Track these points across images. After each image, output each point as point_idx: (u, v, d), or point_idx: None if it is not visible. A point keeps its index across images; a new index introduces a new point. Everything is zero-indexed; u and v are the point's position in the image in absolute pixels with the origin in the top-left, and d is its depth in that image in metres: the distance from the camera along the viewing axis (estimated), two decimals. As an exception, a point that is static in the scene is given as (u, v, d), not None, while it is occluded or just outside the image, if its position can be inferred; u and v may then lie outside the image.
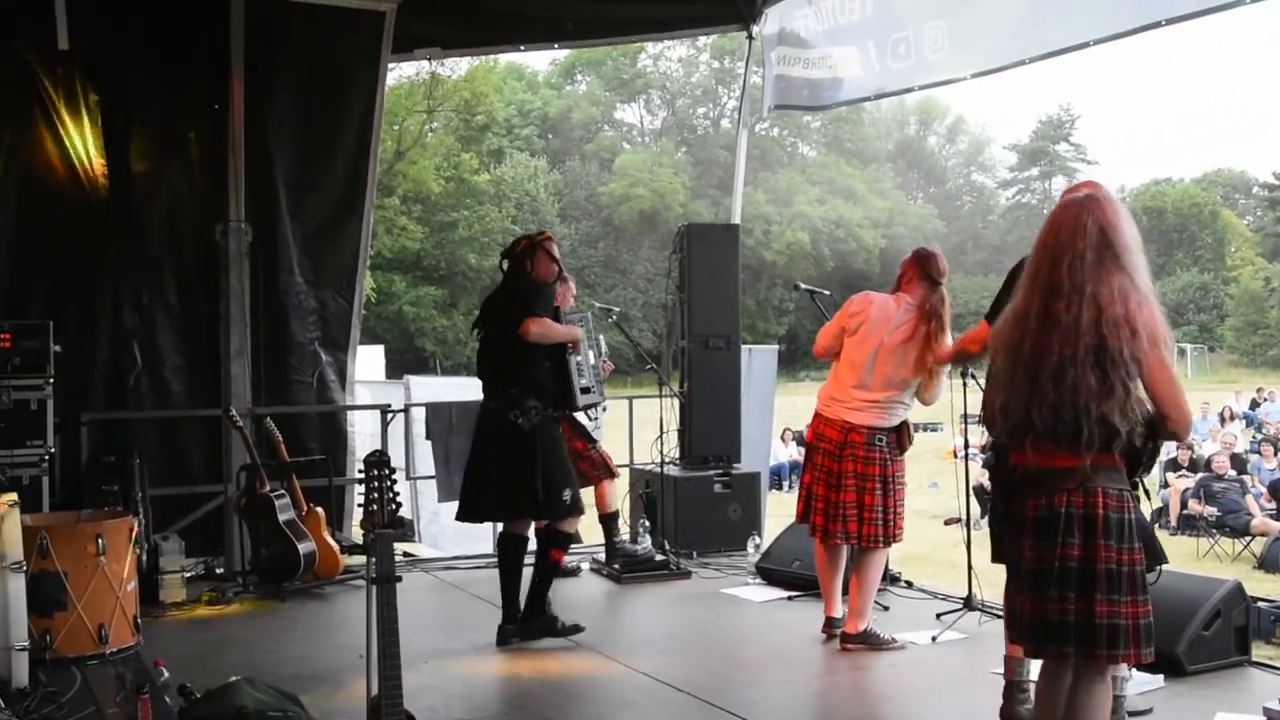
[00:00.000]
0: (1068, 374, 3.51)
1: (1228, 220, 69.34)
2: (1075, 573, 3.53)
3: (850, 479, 6.34)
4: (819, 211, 63.02)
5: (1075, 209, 3.65)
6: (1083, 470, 3.54)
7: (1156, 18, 6.63)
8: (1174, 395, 3.52)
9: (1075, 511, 3.54)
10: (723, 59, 66.00)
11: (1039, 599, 3.61)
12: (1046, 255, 3.66)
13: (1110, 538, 3.53)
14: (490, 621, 7.02)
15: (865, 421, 6.34)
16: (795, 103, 10.12)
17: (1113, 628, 3.50)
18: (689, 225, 9.86)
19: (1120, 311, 3.49)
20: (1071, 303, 3.53)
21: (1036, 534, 3.62)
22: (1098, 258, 3.56)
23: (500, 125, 63.53)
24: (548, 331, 6.51)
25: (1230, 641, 5.96)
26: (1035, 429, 3.59)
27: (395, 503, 3.50)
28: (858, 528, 6.33)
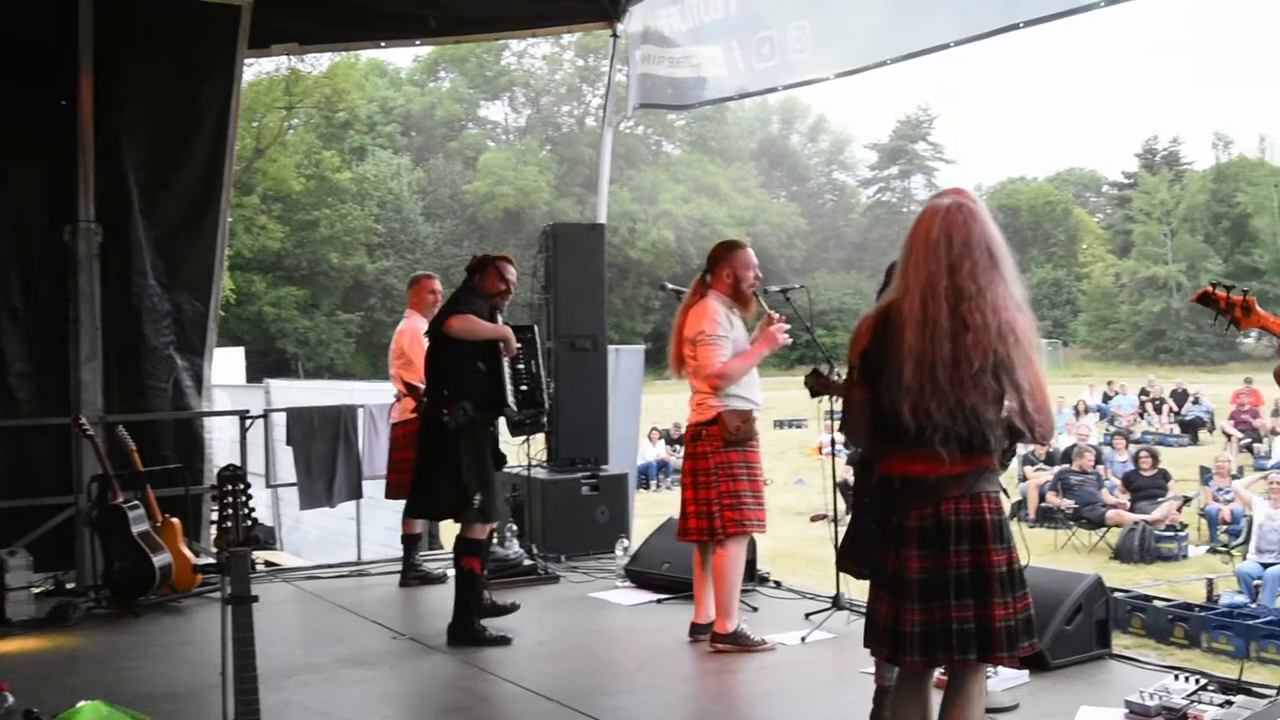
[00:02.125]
0: (955, 383, 3.50)
1: (1079, 218, 71.27)
2: (969, 579, 3.53)
3: (687, 476, 6.54)
4: (684, 210, 63.37)
5: (964, 215, 3.63)
6: (968, 476, 3.54)
7: (1015, 19, 6.70)
8: (1042, 399, 3.54)
9: (964, 519, 3.54)
10: (587, 57, 66.03)
11: (929, 608, 3.57)
12: (922, 262, 3.62)
13: (998, 540, 3.54)
14: (354, 632, 6.88)
15: (690, 419, 6.56)
16: (660, 101, 10.07)
17: (1010, 629, 3.51)
18: (554, 225, 9.78)
19: (1009, 318, 3.49)
20: (976, 309, 3.51)
21: (922, 543, 3.58)
22: (991, 264, 3.56)
23: (362, 122, 62.74)
24: (472, 327, 6.56)
25: (1091, 635, 6.04)
26: (934, 436, 3.54)
27: (250, 519, 3.35)
28: (684, 523, 6.50)
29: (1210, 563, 13.68)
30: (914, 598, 3.60)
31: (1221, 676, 5.63)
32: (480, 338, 6.63)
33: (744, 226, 65.30)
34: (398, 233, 59.51)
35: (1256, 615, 10.05)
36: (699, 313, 6.39)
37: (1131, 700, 5.17)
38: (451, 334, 6.53)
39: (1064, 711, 5.23)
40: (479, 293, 6.80)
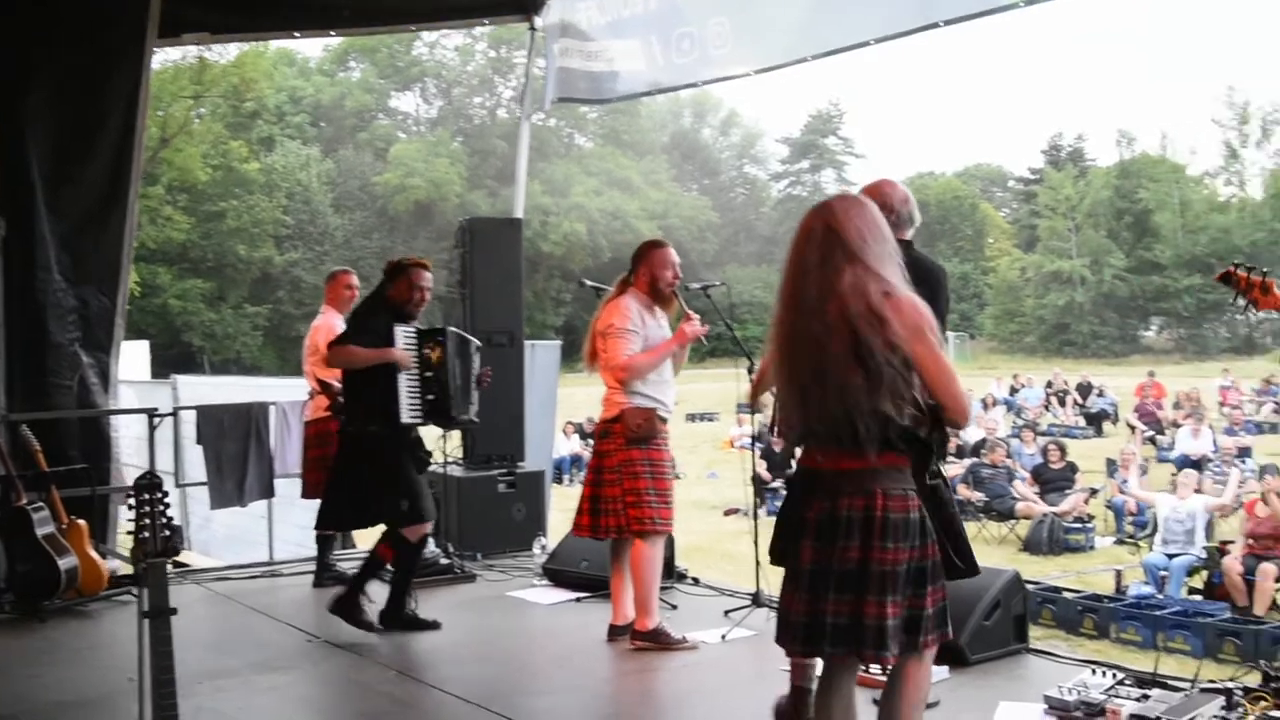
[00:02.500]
0: (830, 378, 3.49)
1: (986, 212, 72.22)
2: (852, 575, 3.53)
3: (590, 473, 6.64)
4: (596, 203, 63.27)
5: (807, 219, 3.70)
6: (864, 472, 3.53)
7: (935, 18, 6.74)
8: (944, 382, 3.50)
9: (856, 515, 3.53)
10: (499, 48, 65.67)
11: (814, 599, 3.59)
12: (789, 269, 3.68)
13: (889, 539, 3.51)
14: (267, 635, 6.76)
15: (600, 415, 6.68)
16: (577, 95, 10.00)
17: (880, 629, 3.50)
18: (470, 220, 9.69)
19: (862, 306, 3.47)
20: (815, 310, 3.53)
21: (817, 536, 3.60)
22: (826, 258, 3.55)
23: (270, 112, 61.89)
24: (349, 359, 6.67)
25: (1009, 630, 6.11)
26: (817, 436, 3.59)
27: (169, 528, 3.25)
28: (580, 518, 6.56)
29: (1117, 553, 13.92)
30: (804, 587, 3.63)
31: (1137, 670, 5.70)
32: (359, 367, 6.68)
33: (656, 220, 65.35)
34: (306, 224, 58.81)
35: (1163, 606, 10.24)
36: (612, 308, 6.43)
37: (1050, 695, 5.22)
38: (329, 365, 6.78)
39: (983, 707, 5.27)
40: (386, 303, 6.81)
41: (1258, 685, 5.17)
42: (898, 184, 4.97)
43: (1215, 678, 5.65)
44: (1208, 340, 58.94)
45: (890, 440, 3.51)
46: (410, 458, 6.76)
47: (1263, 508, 10.86)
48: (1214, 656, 9.20)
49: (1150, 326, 64.46)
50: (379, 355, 6.60)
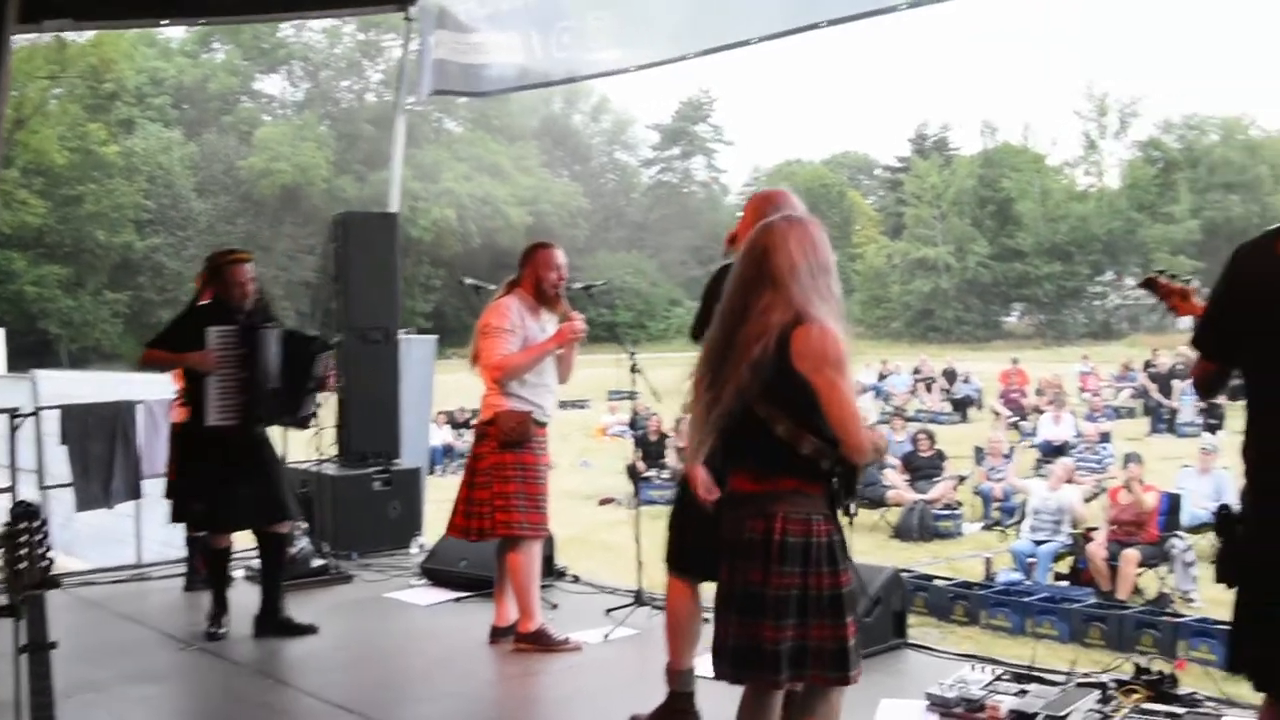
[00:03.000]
0: (735, 398, 3.49)
1: (854, 200, 73.17)
2: (752, 598, 3.52)
3: (466, 474, 6.57)
4: (466, 188, 62.75)
5: (754, 236, 3.66)
6: (767, 495, 3.52)
7: (818, 18, 6.75)
8: (842, 418, 3.44)
9: (756, 537, 3.52)
10: (368, 31, 64.74)
11: (724, 621, 3.60)
12: (729, 284, 3.65)
13: (788, 563, 3.49)
14: (139, 642, 6.60)
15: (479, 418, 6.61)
16: (454, 88, 9.86)
17: (774, 654, 3.49)
18: (345, 214, 9.55)
19: (754, 334, 3.47)
20: (731, 328, 3.53)
21: (730, 556, 3.60)
22: (756, 278, 3.54)
23: (130, 94, 60.17)
24: (152, 362, 6.67)
25: (889, 626, 6.20)
26: (727, 456, 3.58)
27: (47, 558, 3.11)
28: (454, 519, 6.51)
29: (985, 539, 14.20)
30: (720, 607, 3.65)
31: (1014, 664, 5.82)
32: (164, 370, 6.78)
33: (526, 206, 65.07)
34: (168, 209, 57.41)
35: (1031, 592, 10.46)
36: (493, 308, 6.38)
37: (932, 692, 5.30)
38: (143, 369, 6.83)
39: (864, 705, 5.29)
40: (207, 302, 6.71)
41: (1130, 677, 5.31)
42: (788, 193, 4.94)
43: (1087, 666, 5.79)
44: (1067, 326, 60.49)
45: (794, 467, 3.49)
46: (218, 458, 6.53)
47: (1125, 494, 11.15)
48: (1081, 641, 9.43)
49: (1012, 312, 65.98)
50: (178, 359, 6.54)
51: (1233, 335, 3.51)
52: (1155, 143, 62.78)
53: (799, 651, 3.50)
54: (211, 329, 6.47)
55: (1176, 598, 10.62)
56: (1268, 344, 3.40)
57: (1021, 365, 27.33)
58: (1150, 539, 10.88)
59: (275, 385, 6.64)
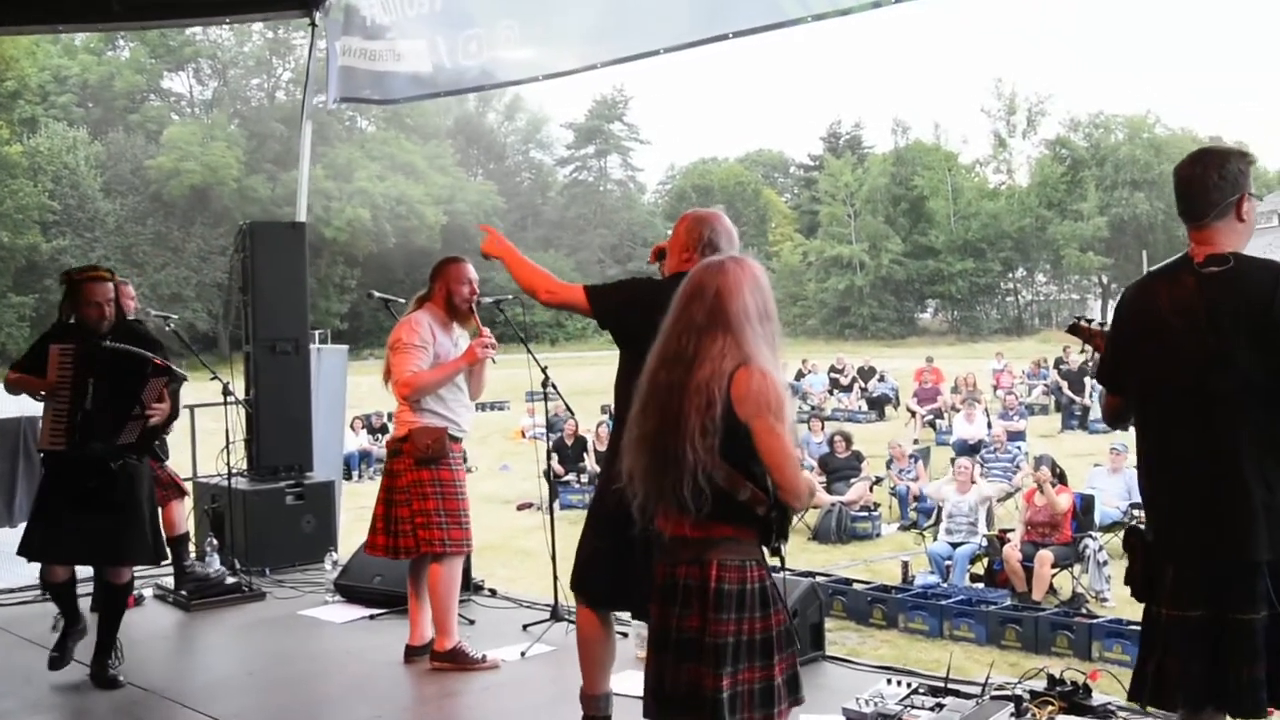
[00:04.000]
0: (659, 442, 3.44)
1: (769, 198, 73.65)
2: (691, 644, 3.47)
3: (382, 491, 6.44)
4: (380, 188, 62.31)
5: (700, 273, 3.56)
6: (702, 541, 3.46)
7: (724, 30, 6.74)
8: (779, 463, 3.40)
9: (693, 583, 3.47)
10: (277, 30, 64.05)
11: (660, 664, 3.54)
12: (673, 322, 3.56)
13: (725, 610, 3.44)
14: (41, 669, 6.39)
15: (391, 435, 6.58)
16: (362, 95, 9.71)
17: (730, 699, 3.44)
18: (252, 224, 9.36)
19: (705, 377, 3.40)
20: (674, 369, 3.46)
21: (662, 600, 3.55)
22: (708, 323, 3.47)
23: (33, 92, 59.16)
24: (16, 386, 6.10)
25: (807, 639, 6.17)
26: (658, 497, 3.51)
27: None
28: (373, 538, 6.41)
29: (902, 540, 14.29)
30: (650, 647, 3.60)
31: (930, 677, 5.83)
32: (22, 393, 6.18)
33: (442, 205, 64.76)
34: (75, 210, 56.46)
35: (948, 595, 10.52)
36: (403, 323, 6.29)
37: (849, 708, 5.30)
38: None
39: (783, 720, 5.30)
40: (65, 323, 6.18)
41: (1044, 689, 5.33)
42: (726, 220, 4.89)
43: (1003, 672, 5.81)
44: (980, 322, 61.34)
45: (728, 512, 3.43)
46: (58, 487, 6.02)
47: (1039, 496, 11.27)
48: (998, 644, 9.52)
49: (926, 309, 66.77)
50: (30, 383, 6.03)
51: (1123, 369, 3.94)
52: (1063, 141, 63.82)
53: (733, 698, 3.46)
54: (53, 346, 5.99)
55: (1090, 597, 10.74)
56: (1149, 375, 3.81)
57: (936, 363, 27.56)
58: (1064, 540, 11.00)
59: (88, 409, 5.94)
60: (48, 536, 5.99)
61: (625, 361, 4.64)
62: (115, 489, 6.02)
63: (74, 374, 5.93)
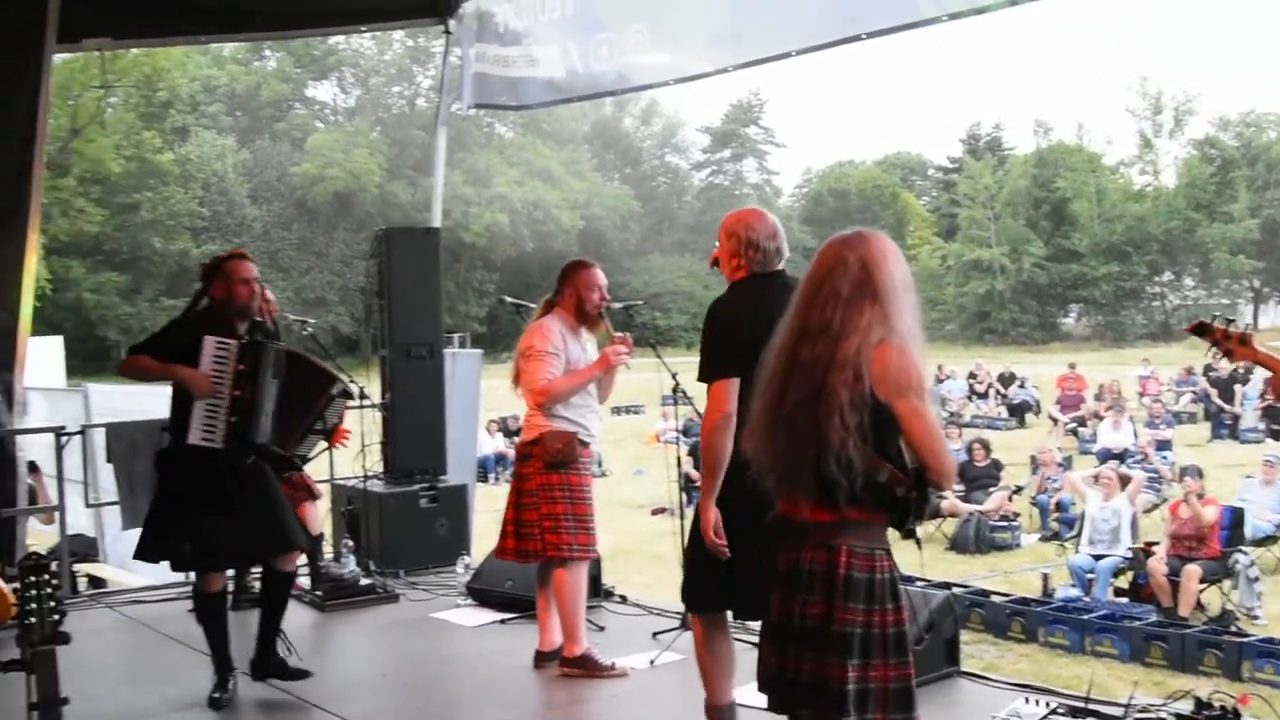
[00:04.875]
0: (798, 420, 3.33)
1: (907, 201, 72.63)
2: (815, 632, 3.37)
3: (511, 495, 6.40)
4: (517, 193, 62.83)
5: (838, 246, 3.46)
6: (830, 525, 3.36)
7: (859, 31, 6.63)
8: (928, 442, 3.30)
9: (818, 569, 3.37)
10: (417, 37, 64.94)
11: (781, 655, 3.45)
12: (804, 293, 3.47)
13: (854, 599, 3.33)
14: (183, 667, 6.53)
15: (520, 439, 6.49)
16: (495, 101, 9.81)
17: (857, 693, 3.33)
18: (388, 229, 9.47)
19: (852, 352, 3.30)
20: (816, 342, 3.35)
21: (785, 587, 3.45)
22: (854, 294, 3.37)
23: (184, 102, 60.80)
24: (134, 371, 5.87)
25: (941, 654, 6.03)
26: (782, 476, 3.41)
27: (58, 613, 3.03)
28: (503, 542, 6.38)
29: (1043, 551, 13.98)
30: (772, 639, 3.51)
31: (1070, 696, 5.65)
32: (147, 381, 6.06)
33: (578, 210, 65.12)
34: (223, 216, 57.96)
35: (1090, 609, 10.26)
36: (534, 330, 6.26)
37: (998, 719, 5.16)
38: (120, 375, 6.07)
39: (919, 736, 5.18)
40: (206, 309, 5.94)
41: (1190, 712, 5.14)
42: (766, 215, 4.82)
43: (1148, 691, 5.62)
44: (1125, 327, 59.77)
45: (860, 494, 3.31)
46: (203, 486, 5.76)
47: (1185, 509, 10.92)
48: (1142, 661, 9.25)
49: (1069, 314, 65.30)
50: (166, 370, 5.74)
51: None
52: (1212, 140, 61.83)
53: (862, 694, 3.36)
54: (209, 338, 5.72)
55: (1241, 615, 10.38)
56: None
57: (1080, 369, 26.95)
58: (1212, 554, 10.65)
59: (269, 409, 5.85)
60: (201, 546, 5.76)
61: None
62: (251, 484, 5.88)
63: (240, 369, 5.74)
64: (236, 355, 5.76)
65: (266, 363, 5.81)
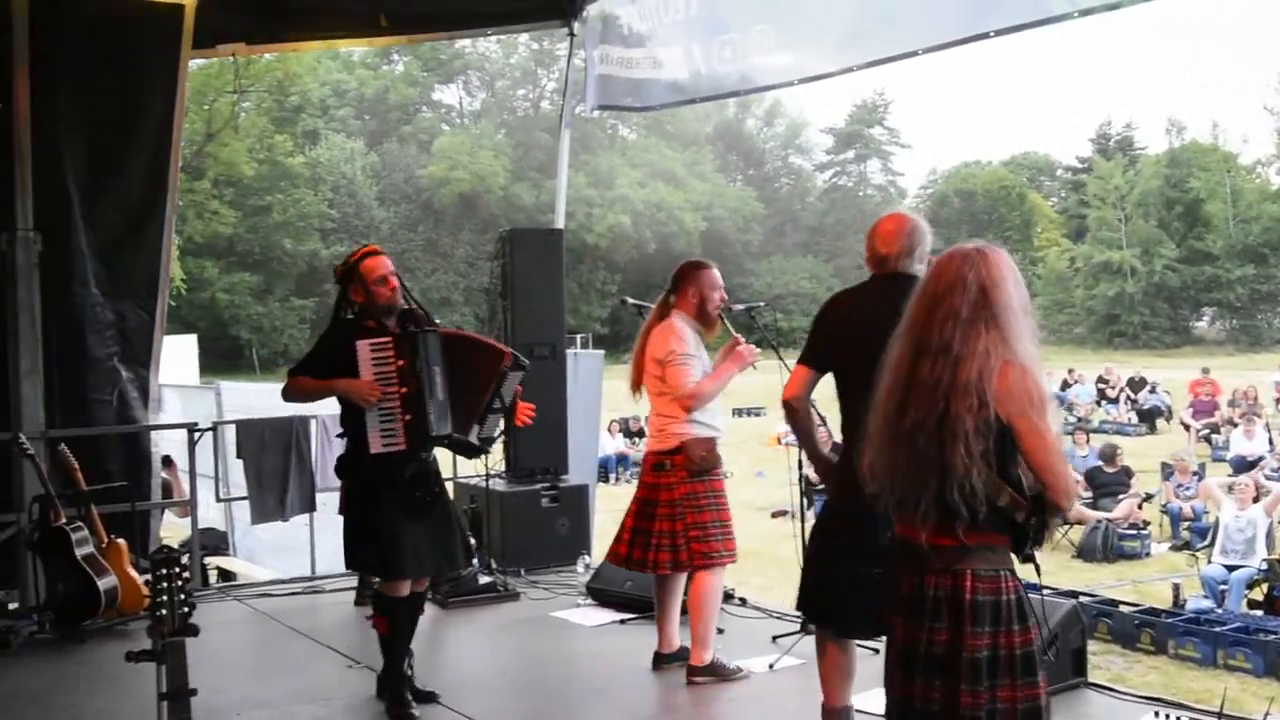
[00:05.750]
0: (918, 440, 3.26)
1: (1034, 202, 71.48)
2: (942, 660, 3.31)
3: (642, 504, 6.24)
4: (640, 194, 63.06)
5: (959, 260, 3.38)
6: (954, 549, 3.29)
7: (986, 28, 6.51)
8: (1049, 463, 3.22)
9: (943, 595, 3.30)
10: (542, 41, 65.53)
11: (908, 682, 3.39)
12: (923, 306, 3.39)
13: (980, 623, 3.26)
14: (307, 660, 6.65)
15: (650, 446, 6.35)
16: (619, 103, 9.84)
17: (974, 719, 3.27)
18: (511, 230, 9.56)
19: (974, 376, 3.22)
20: (936, 362, 3.27)
21: (908, 612, 3.39)
22: (972, 316, 3.30)
23: (315, 106, 62.19)
24: (297, 393, 5.80)
25: (1068, 664, 5.91)
26: (902, 499, 3.36)
27: (188, 605, 3.10)
28: (643, 554, 6.20)
29: (1173, 561, 13.63)
30: (896, 664, 3.43)
31: (1202, 711, 5.51)
32: (312, 400, 5.97)
33: (701, 211, 65.13)
34: (352, 217, 59.04)
35: (1223, 621, 9.99)
36: (666, 333, 6.13)
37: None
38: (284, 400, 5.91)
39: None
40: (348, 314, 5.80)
41: (1331, 728, 4.97)
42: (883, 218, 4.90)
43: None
44: (1261, 331, 58.19)
45: (982, 518, 3.25)
46: (397, 495, 5.65)
47: (1322, 519, 10.58)
48: (1277, 676, 8.97)
49: (1202, 317, 63.73)
50: (328, 386, 5.63)
51: None
52: (1355, 139, 59.95)
53: (990, 716, 3.29)
54: (362, 343, 5.57)
55: (1383, 629, 10.02)
56: None
57: (1213, 374, 26.27)
58: (1353, 566, 10.30)
59: (441, 399, 5.68)
60: (407, 550, 5.63)
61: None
62: (441, 490, 5.88)
63: (400, 365, 5.58)
64: (393, 352, 5.60)
65: (422, 351, 5.61)
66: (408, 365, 5.57)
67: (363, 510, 5.68)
